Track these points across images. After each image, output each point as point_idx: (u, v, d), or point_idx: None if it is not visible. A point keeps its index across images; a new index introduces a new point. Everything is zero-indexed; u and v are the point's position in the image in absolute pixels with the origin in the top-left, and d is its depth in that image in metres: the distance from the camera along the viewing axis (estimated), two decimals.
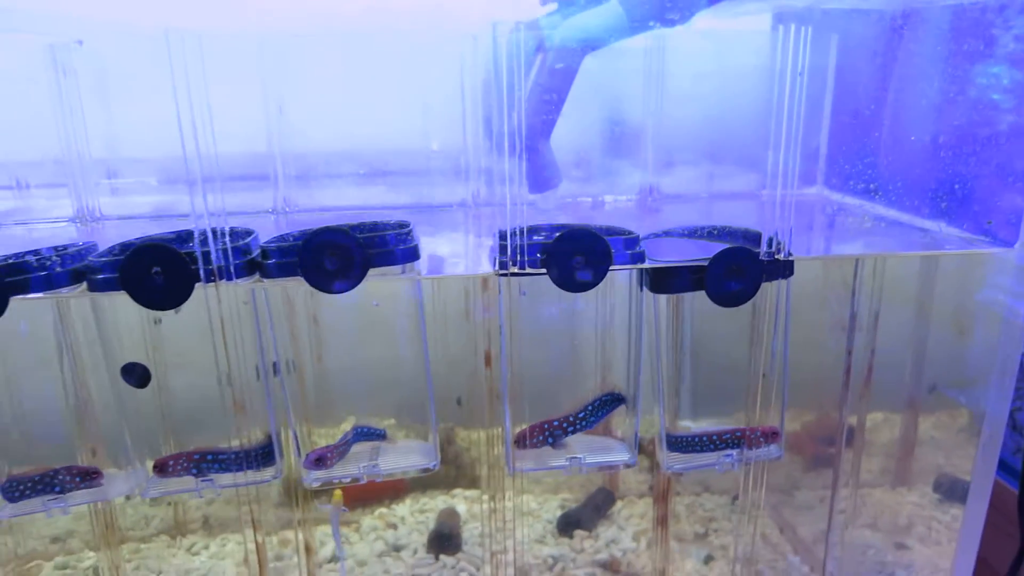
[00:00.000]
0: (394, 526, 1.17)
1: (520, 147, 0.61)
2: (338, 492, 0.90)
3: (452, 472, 1.29)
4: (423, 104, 1.04)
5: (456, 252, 0.86)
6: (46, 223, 0.92)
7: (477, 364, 0.84)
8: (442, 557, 1.09)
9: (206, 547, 1.15)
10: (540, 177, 0.89)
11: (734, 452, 0.76)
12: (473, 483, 1.27)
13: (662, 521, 1.05)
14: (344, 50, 0.96)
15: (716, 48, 1.04)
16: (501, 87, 0.60)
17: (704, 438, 0.76)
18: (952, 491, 1.03)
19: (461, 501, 1.22)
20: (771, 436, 0.75)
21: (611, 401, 0.77)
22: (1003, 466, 1.09)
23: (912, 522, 1.08)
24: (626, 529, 1.16)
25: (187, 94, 0.62)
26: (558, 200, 0.92)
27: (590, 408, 0.75)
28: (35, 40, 0.89)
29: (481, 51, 0.95)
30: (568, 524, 1.14)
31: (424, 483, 1.27)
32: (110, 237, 0.78)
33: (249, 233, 0.64)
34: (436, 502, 1.22)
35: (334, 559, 1.10)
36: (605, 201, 0.98)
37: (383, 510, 1.21)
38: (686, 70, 1.03)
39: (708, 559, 1.12)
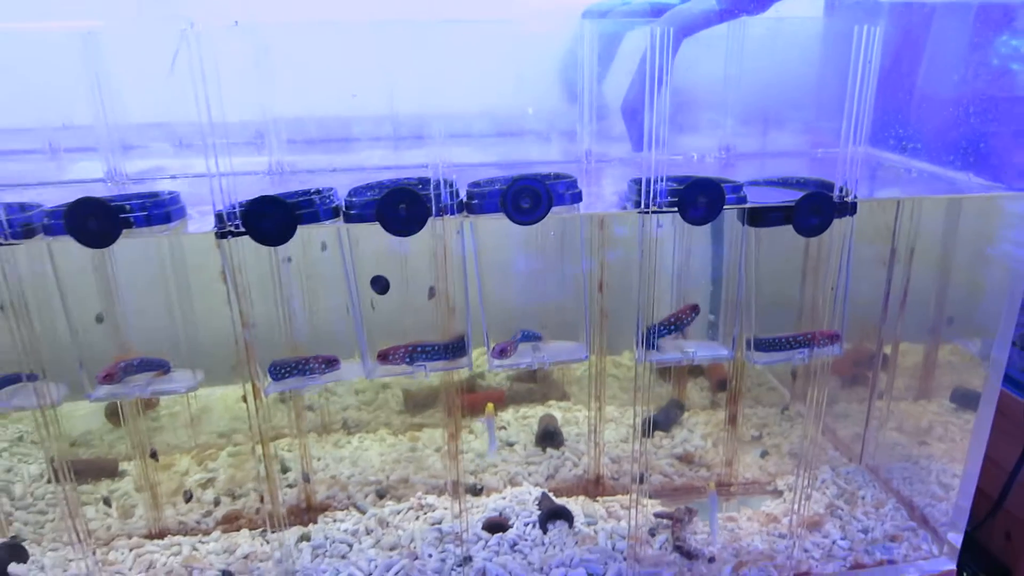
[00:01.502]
0: (504, 427, 1.42)
1: (664, 121, 0.84)
2: (491, 405, 1.15)
3: (543, 388, 1.54)
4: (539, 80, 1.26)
5: None
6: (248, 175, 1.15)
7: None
8: (548, 450, 1.35)
9: (348, 442, 1.41)
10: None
11: (805, 350, 1.00)
12: (563, 396, 1.52)
13: (732, 420, 1.30)
14: (480, 34, 1.17)
15: (776, 29, 1.24)
16: (654, 75, 0.82)
17: (782, 339, 1.00)
18: (965, 400, 1.25)
19: (556, 410, 1.47)
20: (834, 338, 0.99)
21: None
22: (1012, 381, 1.33)
23: (932, 425, 1.32)
24: (695, 432, 1.42)
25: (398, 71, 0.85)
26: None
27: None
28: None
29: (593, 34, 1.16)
30: (651, 425, 1.39)
31: (521, 397, 1.53)
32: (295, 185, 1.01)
33: (453, 184, 0.88)
34: (534, 411, 1.48)
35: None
36: (692, 157, 1.20)
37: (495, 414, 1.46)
38: (749, 48, 1.23)
39: (764, 454, 1.37)
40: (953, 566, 1.15)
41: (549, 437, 1.35)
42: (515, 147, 1.29)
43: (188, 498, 1.23)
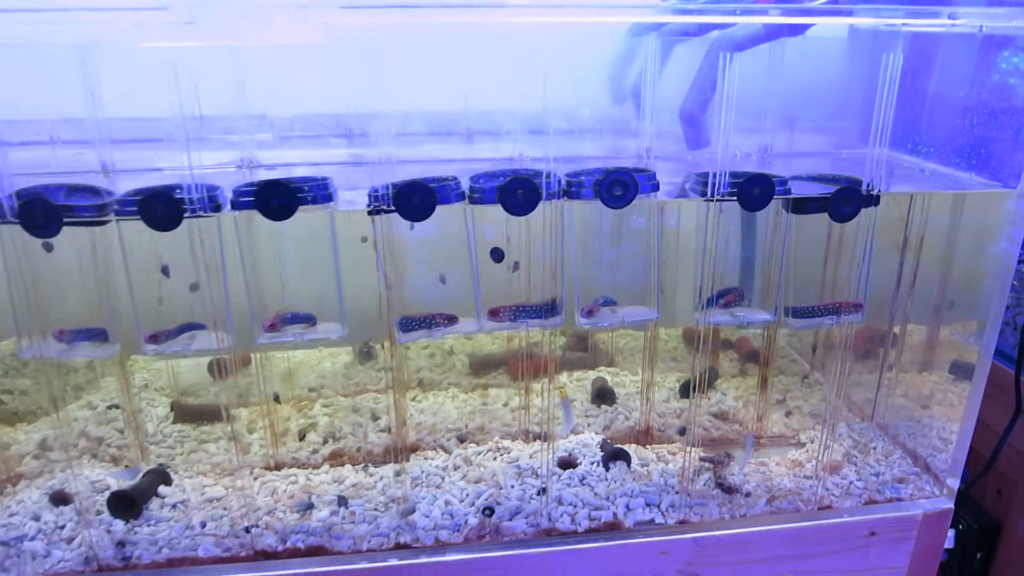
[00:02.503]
0: (562, 387, 1.64)
1: (728, 129, 1.05)
2: (563, 390, 1.36)
3: (593, 356, 1.76)
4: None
5: None
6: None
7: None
8: (603, 406, 1.57)
9: (425, 398, 1.63)
10: (699, 139, 1.32)
11: (834, 317, 1.21)
12: (611, 363, 1.74)
13: (764, 382, 1.52)
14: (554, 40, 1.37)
15: (807, 46, 1.44)
16: (727, 93, 1.03)
17: (814, 307, 1.21)
18: (961, 372, 1.44)
19: (605, 374, 1.69)
20: (857, 307, 1.21)
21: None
22: (1003, 355, 1.54)
23: (933, 393, 1.52)
24: (727, 395, 1.64)
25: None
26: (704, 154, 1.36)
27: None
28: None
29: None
30: (688, 388, 1.61)
31: (573, 364, 1.74)
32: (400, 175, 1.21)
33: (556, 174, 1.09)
34: (587, 375, 1.70)
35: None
36: (735, 155, 1.41)
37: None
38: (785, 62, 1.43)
39: (788, 413, 1.59)
40: (951, 505, 1.36)
41: (604, 395, 1.57)
42: (569, 143, 1.50)
43: (302, 437, 1.44)
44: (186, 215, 1.00)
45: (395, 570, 1.19)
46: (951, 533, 1.51)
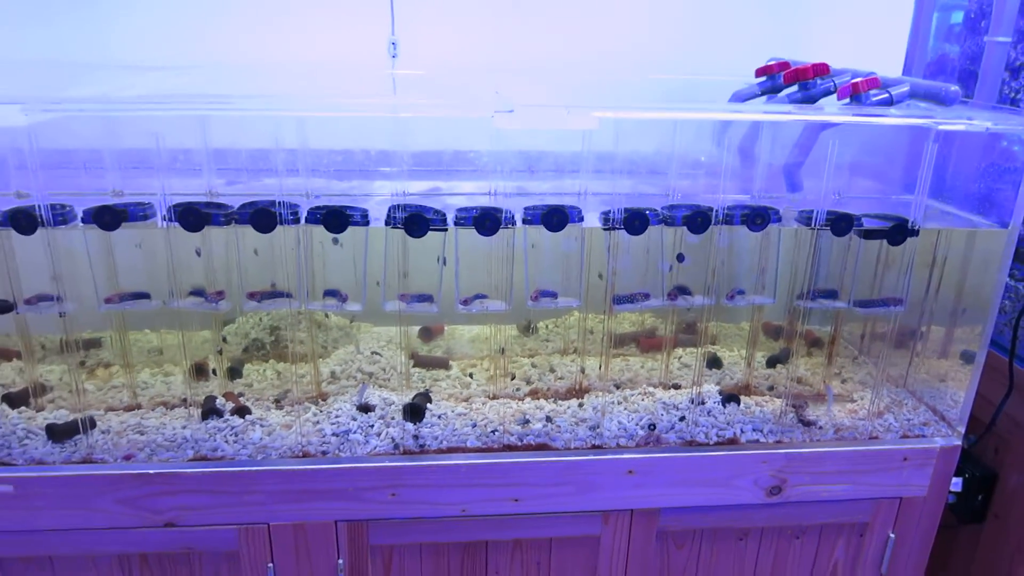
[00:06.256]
0: (679, 357, 2.34)
1: (830, 180, 1.75)
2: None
3: (700, 337, 2.46)
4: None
5: None
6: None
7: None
8: (713, 369, 2.26)
9: (577, 360, 2.32)
10: (796, 186, 2.02)
11: (886, 306, 1.91)
12: (713, 342, 2.44)
13: (829, 357, 2.22)
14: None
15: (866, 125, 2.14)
16: (828, 161, 1.73)
17: (872, 300, 1.91)
18: (968, 358, 2.11)
19: (711, 350, 2.39)
20: (900, 301, 1.91)
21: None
22: (1002, 347, 2.23)
23: (948, 372, 2.20)
24: (800, 367, 2.33)
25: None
26: (800, 196, 2.06)
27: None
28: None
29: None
30: (774, 361, 2.30)
31: (685, 343, 2.44)
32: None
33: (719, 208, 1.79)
34: (696, 350, 2.39)
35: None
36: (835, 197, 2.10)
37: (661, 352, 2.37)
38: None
39: (844, 381, 2.29)
40: (959, 443, 2.04)
41: (715, 362, 2.27)
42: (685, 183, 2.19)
43: (512, 377, 2.14)
44: (501, 227, 1.70)
45: (594, 461, 1.88)
46: (958, 480, 2.19)
